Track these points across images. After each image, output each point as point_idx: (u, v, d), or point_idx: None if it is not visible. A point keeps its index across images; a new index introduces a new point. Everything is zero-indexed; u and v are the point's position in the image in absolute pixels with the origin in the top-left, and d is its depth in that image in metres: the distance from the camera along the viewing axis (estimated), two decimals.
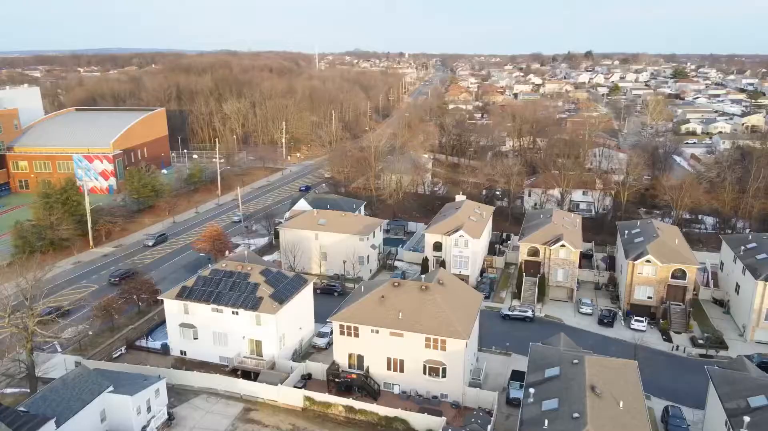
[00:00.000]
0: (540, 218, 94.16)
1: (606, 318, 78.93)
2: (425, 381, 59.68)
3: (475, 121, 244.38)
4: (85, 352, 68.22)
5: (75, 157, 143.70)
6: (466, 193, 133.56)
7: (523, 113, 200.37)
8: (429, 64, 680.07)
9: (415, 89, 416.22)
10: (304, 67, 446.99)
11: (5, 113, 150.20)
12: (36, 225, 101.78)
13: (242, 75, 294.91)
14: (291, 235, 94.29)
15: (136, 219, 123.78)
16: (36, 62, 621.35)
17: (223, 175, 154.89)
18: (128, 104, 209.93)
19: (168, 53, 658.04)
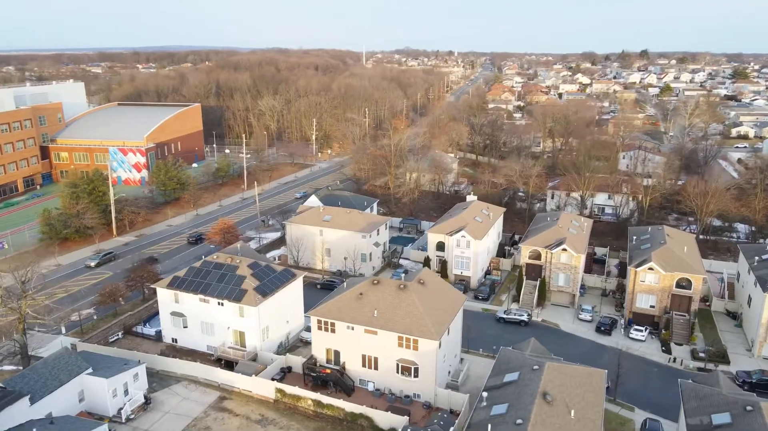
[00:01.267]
0: (546, 221, 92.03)
1: (604, 326, 76.46)
2: (398, 380, 59.66)
3: (513, 121, 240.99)
4: (85, 335, 71.73)
5: (111, 150, 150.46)
6: (487, 193, 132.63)
7: (562, 113, 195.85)
8: (477, 63, 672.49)
9: (458, 88, 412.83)
10: (350, 65, 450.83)
11: (50, 107, 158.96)
12: (63, 213, 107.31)
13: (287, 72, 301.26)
14: (297, 230, 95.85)
15: (160, 210, 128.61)
16: (100, 59, 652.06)
17: (251, 169, 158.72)
18: (169, 100, 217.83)
19: (222, 50, 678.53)
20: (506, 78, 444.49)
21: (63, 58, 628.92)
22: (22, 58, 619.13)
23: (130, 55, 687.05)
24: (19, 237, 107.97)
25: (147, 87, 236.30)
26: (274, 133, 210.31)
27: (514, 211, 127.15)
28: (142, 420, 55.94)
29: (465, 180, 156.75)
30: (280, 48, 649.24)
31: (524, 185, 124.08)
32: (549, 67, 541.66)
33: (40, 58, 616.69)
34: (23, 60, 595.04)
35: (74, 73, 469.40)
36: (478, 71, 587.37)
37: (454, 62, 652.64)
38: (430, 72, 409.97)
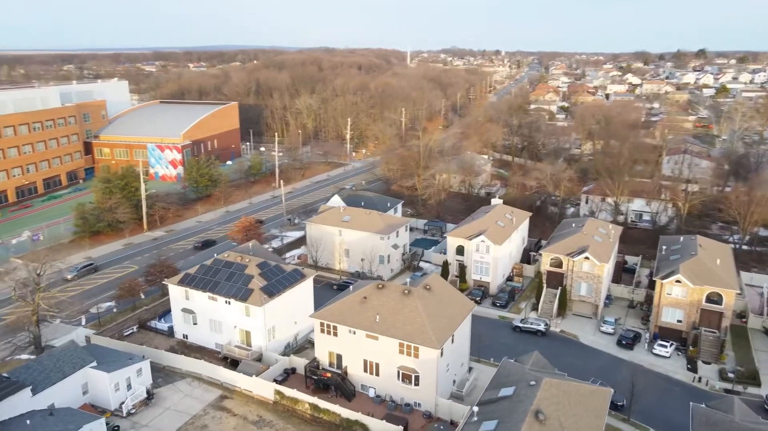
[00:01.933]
0: (571, 227, 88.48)
1: (626, 340, 72.71)
2: (399, 388, 58.29)
3: (555, 122, 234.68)
4: (102, 328, 73.44)
5: (149, 146, 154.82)
6: (517, 196, 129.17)
7: (603, 114, 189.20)
8: (523, 63, 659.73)
9: (502, 88, 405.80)
10: (394, 65, 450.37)
11: (94, 104, 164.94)
12: (96, 207, 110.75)
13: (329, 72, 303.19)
14: (316, 230, 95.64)
15: (191, 206, 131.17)
16: (155, 58, 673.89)
17: (283, 168, 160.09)
18: (211, 98, 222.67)
19: (270, 50, 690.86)
20: (552, 78, 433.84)
21: (120, 57, 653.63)
22: (83, 57, 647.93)
23: (182, 54, 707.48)
24: (55, 230, 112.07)
25: (190, 85, 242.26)
26: (310, 131, 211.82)
27: (545, 215, 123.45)
28: (143, 415, 56.62)
29: (497, 182, 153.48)
30: (327, 47, 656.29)
31: (555, 189, 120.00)
32: (598, 66, 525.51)
33: (99, 57, 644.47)
34: (84, 59, 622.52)
35: (128, 71, 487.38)
36: (524, 71, 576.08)
37: (500, 62, 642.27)
38: (473, 72, 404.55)
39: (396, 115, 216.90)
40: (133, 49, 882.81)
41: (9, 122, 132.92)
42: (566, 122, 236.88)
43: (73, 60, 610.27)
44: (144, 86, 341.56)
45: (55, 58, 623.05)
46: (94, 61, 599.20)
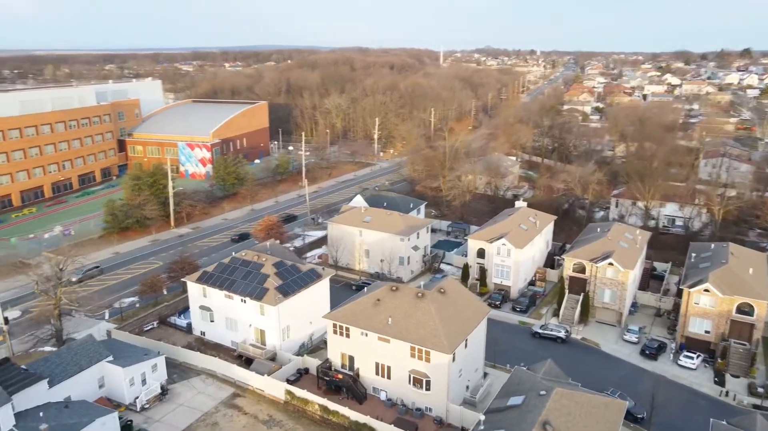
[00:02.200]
0: (596, 232, 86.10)
1: (650, 350, 70.26)
2: (410, 392, 57.58)
3: (588, 123, 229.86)
4: (124, 322, 74.86)
5: (179, 145, 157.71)
6: (543, 199, 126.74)
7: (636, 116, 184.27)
8: (559, 63, 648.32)
9: (535, 88, 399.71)
10: (426, 65, 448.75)
11: (128, 103, 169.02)
12: (125, 204, 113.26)
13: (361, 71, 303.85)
14: (337, 230, 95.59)
15: (218, 204, 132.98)
16: (192, 57, 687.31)
17: (310, 167, 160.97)
18: (242, 97, 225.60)
19: (304, 49, 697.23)
20: (587, 78, 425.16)
21: (160, 57, 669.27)
22: (124, 57, 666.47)
23: (219, 54, 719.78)
24: (86, 226, 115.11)
25: (223, 85, 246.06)
26: (339, 131, 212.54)
27: (572, 218, 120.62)
28: (156, 410, 57.38)
29: (525, 184, 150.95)
30: (360, 47, 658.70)
31: (584, 192, 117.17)
32: (636, 66, 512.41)
33: (140, 57, 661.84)
34: (125, 59, 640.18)
35: (166, 70, 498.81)
36: (559, 71, 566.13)
37: (534, 62, 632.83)
38: (506, 72, 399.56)
39: (425, 115, 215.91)
40: (172, 49, 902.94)
41: (46, 120, 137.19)
42: (600, 123, 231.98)
43: (114, 60, 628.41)
44: (180, 85, 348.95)
45: (98, 57, 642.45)
46: (134, 60, 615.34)
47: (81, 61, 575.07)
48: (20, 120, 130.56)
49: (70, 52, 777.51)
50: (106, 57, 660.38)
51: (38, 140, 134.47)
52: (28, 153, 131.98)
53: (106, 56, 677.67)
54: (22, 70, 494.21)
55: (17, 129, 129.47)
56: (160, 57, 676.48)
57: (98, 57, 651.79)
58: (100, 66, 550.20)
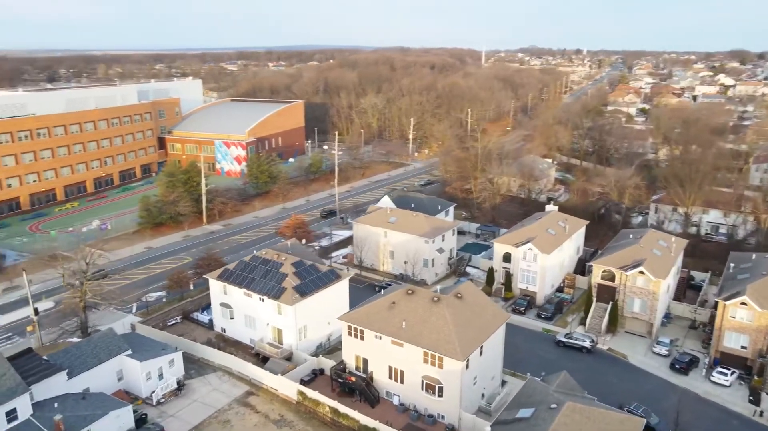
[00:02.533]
0: (628, 238, 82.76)
1: (680, 364, 66.95)
2: (423, 398, 56.55)
3: (633, 125, 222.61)
4: (150, 316, 76.49)
5: (216, 143, 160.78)
6: (577, 203, 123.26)
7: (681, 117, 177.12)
8: (605, 62, 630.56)
9: (579, 88, 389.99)
10: (468, 64, 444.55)
11: (169, 102, 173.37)
12: (159, 200, 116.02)
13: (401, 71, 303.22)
14: (362, 231, 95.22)
15: (250, 202, 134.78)
16: (238, 57, 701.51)
17: (343, 166, 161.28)
18: (281, 96, 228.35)
19: (346, 49, 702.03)
20: (634, 78, 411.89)
21: (206, 57, 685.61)
22: (172, 57, 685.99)
23: (264, 53, 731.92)
24: (123, 221, 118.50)
25: (263, 84, 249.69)
26: (375, 131, 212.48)
27: (608, 223, 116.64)
28: (171, 404, 58.21)
29: (561, 187, 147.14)
30: (402, 47, 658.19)
31: (620, 196, 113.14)
32: (688, 66, 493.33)
33: (188, 57, 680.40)
34: (173, 58, 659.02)
35: (212, 70, 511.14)
36: (605, 71, 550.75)
37: (579, 61, 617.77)
38: (549, 72, 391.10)
39: (462, 115, 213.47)
40: (219, 49, 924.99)
41: (90, 117, 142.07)
42: (644, 125, 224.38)
43: (164, 59, 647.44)
44: (223, 84, 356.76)
45: (148, 57, 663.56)
46: (182, 60, 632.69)
47: (132, 61, 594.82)
48: (65, 117, 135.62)
49: (123, 52, 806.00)
50: (156, 57, 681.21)
51: (82, 137, 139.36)
52: (72, 149, 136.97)
53: (157, 56, 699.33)
54: (76, 69, 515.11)
55: (62, 126, 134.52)
56: (207, 57, 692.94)
57: (149, 57, 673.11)
58: (150, 65, 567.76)
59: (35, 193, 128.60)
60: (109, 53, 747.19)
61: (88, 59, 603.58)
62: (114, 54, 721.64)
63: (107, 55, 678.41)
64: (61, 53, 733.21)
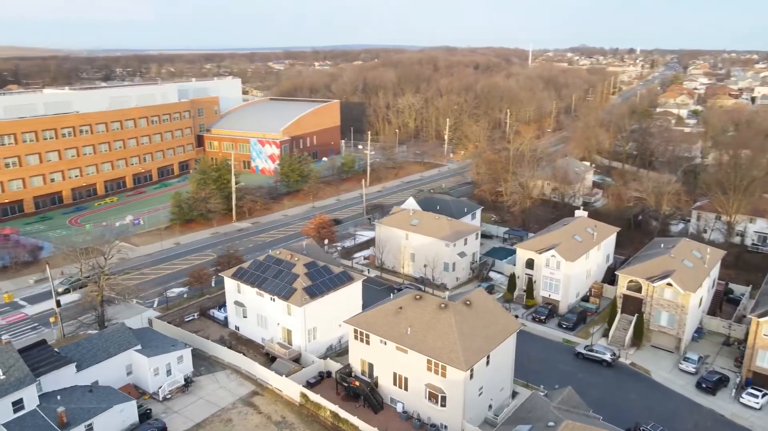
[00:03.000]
0: (659, 247, 78.62)
1: (707, 383, 62.96)
2: (426, 406, 55.08)
3: (683, 128, 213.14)
4: (169, 311, 77.79)
5: (251, 141, 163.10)
6: (615, 208, 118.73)
7: (732, 120, 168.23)
8: (659, 62, 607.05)
9: (629, 89, 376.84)
10: (514, 64, 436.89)
11: (208, 100, 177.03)
12: (190, 197, 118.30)
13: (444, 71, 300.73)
14: (384, 232, 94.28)
15: (280, 200, 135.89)
16: (285, 57, 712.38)
17: (375, 166, 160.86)
18: (319, 95, 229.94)
19: (392, 49, 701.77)
20: (689, 78, 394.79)
21: (255, 57, 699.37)
22: (222, 56, 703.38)
23: (310, 53, 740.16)
24: (156, 216, 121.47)
25: (303, 83, 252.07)
26: (411, 131, 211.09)
27: (645, 231, 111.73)
28: (177, 401, 58.78)
29: (599, 191, 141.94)
30: (448, 46, 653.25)
31: (657, 202, 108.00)
32: (748, 66, 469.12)
33: (237, 57, 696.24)
34: (223, 58, 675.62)
35: (258, 69, 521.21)
36: (658, 71, 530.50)
37: (631, 61, 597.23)
38: (596, 72, 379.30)
39: (502, 116, 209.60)
40: (268, 48, 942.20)
41: (131, 115, 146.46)
42: (695, 128, 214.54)
43: (214, 59, 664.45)
44: (268, 83, 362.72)
45: (200, 57, 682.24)
46: (231, 60, 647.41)
47: (185, 60, 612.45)
48: (107, 115, 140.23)
49: (177, 52, 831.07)
50: (207, 56, 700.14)
51: (122, 134, 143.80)
52: (112, 146, 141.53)
53: (208, 55, 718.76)
54: (131, 69, 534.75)
55: (104, 123, 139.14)
56: (256, 56, 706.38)
57: (200, 56, 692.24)
58: (200, 65, 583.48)
59: (77, 188, 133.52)
60: (165, 53, 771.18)
61: (142, 59, 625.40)
62: (168, 54, 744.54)
63: (162, 55, 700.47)
64: (120, 53, 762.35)
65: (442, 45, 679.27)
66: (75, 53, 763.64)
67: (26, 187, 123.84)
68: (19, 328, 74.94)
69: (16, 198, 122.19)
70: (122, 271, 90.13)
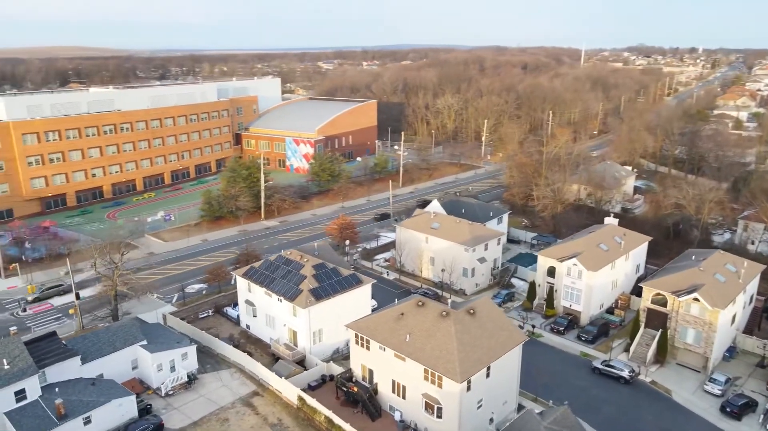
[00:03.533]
0: (691, 259, 73.93)
1: (733, 407, 58.54)
2: (424, 417, 53.47)
3: (741, 132, 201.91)
4: (184, 307, 78.93)
5: (287, 140, 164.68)
6: (652, 215, 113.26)
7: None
8: (721, 62, 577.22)
9: (685, 90, 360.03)
10: (564, 64, 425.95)
11: (247, 99, 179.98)
12: (221, 195, 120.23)
13: (491, 70, 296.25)
14: (405, 235, 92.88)
15: (310, 199, 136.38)
16: (334, 56, 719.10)
17: (408, 167, 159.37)
18: (360, 95, 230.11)
19: (441, 48, 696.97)
20: (753, 79, 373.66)
21: (305, 56, 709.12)
22: (273, 56, 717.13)
23: (360, 53, 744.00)
24: (187, 212, 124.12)
25: (344, 83, 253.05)
26: (450, 131, 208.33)
27: (684, 240, 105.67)
28: (179, 397, 59.33)
29: (641, 197, 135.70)
30: (498, 46, 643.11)
31: (697, 210, 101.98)
32: None
33: (288, 57, 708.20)
34: (273, 57, 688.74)
35: (307, 69, 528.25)
36: (720, 71, 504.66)
37: (692, 61, 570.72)
38: (650, 72, 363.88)
39: (544, 116, 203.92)
40: (318, 48, 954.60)
41: (170, 113, 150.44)
42: (754, 131, 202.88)
43: (266, 58, 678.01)
44: (315, 83, 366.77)
45: (252, 56, 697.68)
46: (283, 59, 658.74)
47: (237, 60, 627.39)
48: (147, 113, 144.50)
49: (232, 51, 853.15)
50: (260, 56, 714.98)
51: (161, 132, 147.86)
52: (152, 143, 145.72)
53: (260, 55, 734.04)
54: (186, 68, 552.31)
55: (144, 121, 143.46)
56: (306, 56, 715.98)
57: (253, 56, 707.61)
58: (252, 64, 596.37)
59: (116, 183, 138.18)
60: (221, 53, 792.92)
61: (197, 58, 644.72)
62: (223, 54, 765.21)
63: (218, 55, 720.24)
64: (180, 53, 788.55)
65: (492, 45, 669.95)
66: (138, 53, 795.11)
67: (69, 182, 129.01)
68: (44, 318, 77.79)
69: (59, 192, 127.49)
70: (148, 266, 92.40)
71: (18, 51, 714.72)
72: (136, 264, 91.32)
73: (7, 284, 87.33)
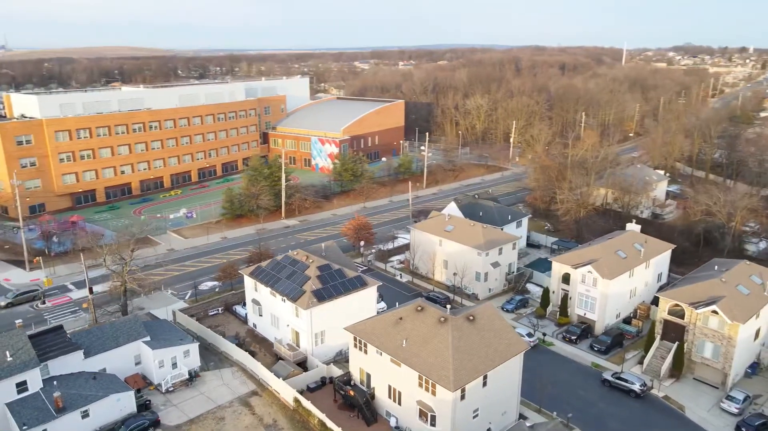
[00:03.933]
0: (713, 269, 70.36)
1: (749, 427, 55.30)
2: (418, 424, 52.33)
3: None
4: (194, 304, 79.82)
5: (312, 139, 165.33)
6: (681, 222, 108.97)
7: None
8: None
9: (732, 92, 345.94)
10: (605, 64, 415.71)
11: (275, 99, 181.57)
12: (242, 193, 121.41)
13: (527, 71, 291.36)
14: (419, 237, 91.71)
15: (332, 199, 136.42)
16: (371, 56, 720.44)
17: (433, 168, 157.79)
18: (389, 95, 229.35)
19: (479, 48, 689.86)
20: None
21: (343, 56, 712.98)
22: (311, 56, 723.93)
23: (396, 53, 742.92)
24: (209, 210, 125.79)
25: (374, 83, 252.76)
26: (479, 132, 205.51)
27: (714, 249, 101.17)
28: (179, 394, 59.78)
29: (672, 202, 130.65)
30: (537, 45, 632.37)
31: (729, 218, 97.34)
32: None
33: (326, 56, 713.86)
34: (310, 57, 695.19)
35: (342, 68, 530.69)
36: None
37: (741, 61, 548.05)
38: (693, 72, 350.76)
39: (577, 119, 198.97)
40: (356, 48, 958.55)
41: (198, 112, 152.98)
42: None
43: (304, 58, 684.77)
44: (349, 82, 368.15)
45: (290, 56, 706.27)
46: (320, 59, 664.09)
47: (275, 60, 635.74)
48: (175, 112, 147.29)
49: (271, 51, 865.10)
50: (298, 56, 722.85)
51: (189, 130, 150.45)
52: (179, 141, 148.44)
53: (299, 55, 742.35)
54: (224, 68, 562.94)
55: (172, 120, 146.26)
56: (344, 56, 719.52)
57: (291, 56, 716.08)
58: (289, 64, 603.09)
59: (145, 180, 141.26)
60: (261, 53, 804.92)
61: (236, 58, 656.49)
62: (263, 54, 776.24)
63: (258, 55, 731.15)
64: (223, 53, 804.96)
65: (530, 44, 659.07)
66: (182, 53, 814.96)
67: (99, 178, 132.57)
68: (62, 311, 79.88)
69: (89, 188, 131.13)
70: (158, 264, 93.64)
71: (70, 51, 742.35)
72: (154, 260, 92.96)
73: (30, 277, 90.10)
